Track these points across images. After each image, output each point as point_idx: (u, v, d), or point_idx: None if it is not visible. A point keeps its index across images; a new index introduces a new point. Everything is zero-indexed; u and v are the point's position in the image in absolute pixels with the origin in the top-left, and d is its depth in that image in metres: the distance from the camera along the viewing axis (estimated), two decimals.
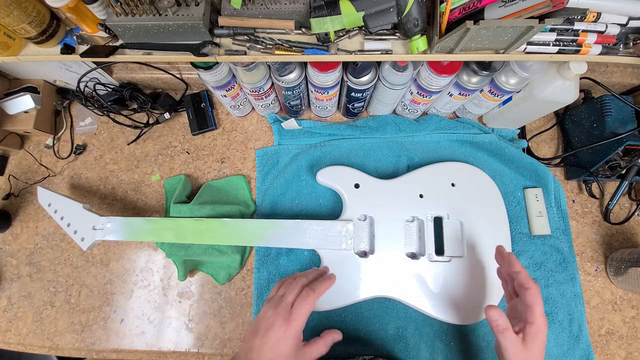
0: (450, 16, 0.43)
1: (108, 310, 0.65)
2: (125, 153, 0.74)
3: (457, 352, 0.58)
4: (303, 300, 0.44)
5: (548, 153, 0.71)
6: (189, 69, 0.69)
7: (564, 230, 0.65)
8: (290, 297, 0.45)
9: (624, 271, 0.60)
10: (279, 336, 0.41)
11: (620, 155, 0.59)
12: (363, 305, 0.60)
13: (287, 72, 0.56)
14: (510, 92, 0.58)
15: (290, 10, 0.47)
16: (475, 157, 0.67)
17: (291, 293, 0.45)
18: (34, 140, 0.76)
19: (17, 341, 0.65)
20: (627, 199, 0.67)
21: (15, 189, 0.73)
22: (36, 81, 0.71)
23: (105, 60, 0.51)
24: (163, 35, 0.48)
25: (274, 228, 0.58)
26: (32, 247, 0.69)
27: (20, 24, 0.48)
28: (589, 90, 0.68)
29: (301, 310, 0.43)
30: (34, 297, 0.67)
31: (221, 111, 0.75)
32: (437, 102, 0.66)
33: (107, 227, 0.60)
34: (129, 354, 0.64)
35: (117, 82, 0.71)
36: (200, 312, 0.64)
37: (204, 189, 0.68)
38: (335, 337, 0.47)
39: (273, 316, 0.43)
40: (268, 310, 0.44)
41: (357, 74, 0.56)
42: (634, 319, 0.62)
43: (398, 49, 0.49)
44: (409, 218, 0.59)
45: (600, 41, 0.46)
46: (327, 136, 0.70)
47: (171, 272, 0.66)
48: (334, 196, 0.66)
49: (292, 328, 0.42)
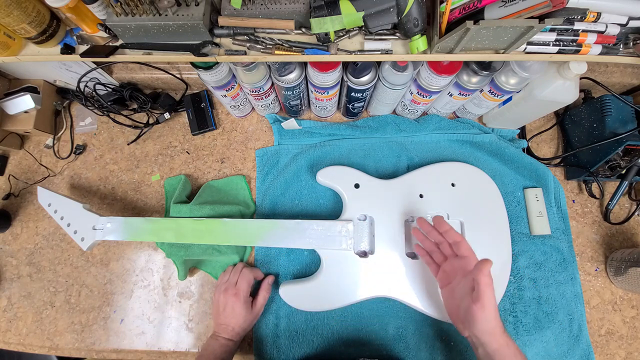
0: (450, 16, 0.43)
1: (108, 310, 0.65)
2: (125, 153, 0.74)
3: (457, 352, 0.58)
4: (243, 275, 0.59)
5: (548, 153, 0.71)
6: (189, 69, 0.69)
7: (564, 230, 0.65)
8: (233, 277, 0.59)
9: (624, 271, 0.60)
10: (234, 306, 0.56)
11: (620, 155, 0.59)
12: (363, 305, 0.61)
13: (287, 72, 0.56)
14: (510, 92, 0.58)
15: (290, 10, 0.47)
16: (475, 157, 0.67)
17: (234, 275, 0.59)
18: (34, 140, 0.76)
19: (17, 341, 0.65)
20: (627, 199, 0.67)
21: (15, 189, 0.73)
22: (36, 81, 0.71)
23: (105, 60, 0.51)
24: (163, 35, 0.48)
25: (274, 228, 0.58)
26: (32, 247, 0.69)
27: (20, 24, 0.48)
28: (589, 90, 0.68)
29: (243, 283, 0.58)
30: (34, 297, 0.67)
31: (221, 111, 0.75)
32: (437, 102, 0.66)
33: (107, 227, 0.60)
34: (129, 354, 0.64)
35: (117, 82, 0.71)
36: (200, 312, 0.64)
37: (204, 189, 0.68)
38: (270, 280, 0.61)
39: (225, 297, 0.57)
40: (220, 295, 0.57)
41: (357, 74, 0.56)
42: (634, 319, 0.62)
43: (398, 49, 0.49)
44: (409, 218, 0.59)
45: (600, 41, 0.46)
46: (327, 136, 0.70)
47: (171, 272, 0.66)
48: (334, 196, 0.66)
49: (240, 297, 0.56)
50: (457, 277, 0.47)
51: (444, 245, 0.51)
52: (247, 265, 0.63)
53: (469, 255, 0.47)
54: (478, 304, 0.41)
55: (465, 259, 0.47)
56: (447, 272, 0.49)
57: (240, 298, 0.56)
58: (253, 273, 0.60)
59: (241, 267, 0.60)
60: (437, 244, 0.52)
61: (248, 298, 0.58)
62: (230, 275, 0.59)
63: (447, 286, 0.49)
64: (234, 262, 0.63)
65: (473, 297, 0.42)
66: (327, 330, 0.60)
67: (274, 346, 0.60)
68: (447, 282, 0.49)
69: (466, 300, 0.43)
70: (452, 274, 0.48)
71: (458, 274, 0.47)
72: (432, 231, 0.52)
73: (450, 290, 0.48)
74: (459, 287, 0.46)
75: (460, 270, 0.47)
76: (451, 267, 0.49)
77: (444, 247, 0.51)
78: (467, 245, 0.48)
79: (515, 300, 0.60)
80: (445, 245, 0.51)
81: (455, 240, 0.49)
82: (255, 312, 0.58)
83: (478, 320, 0.42)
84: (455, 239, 0.49)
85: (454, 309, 0.47)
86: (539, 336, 0.58)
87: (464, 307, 0.44)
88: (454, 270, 0.48)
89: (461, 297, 0.45)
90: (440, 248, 0.52)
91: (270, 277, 0.61)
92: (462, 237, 0.49)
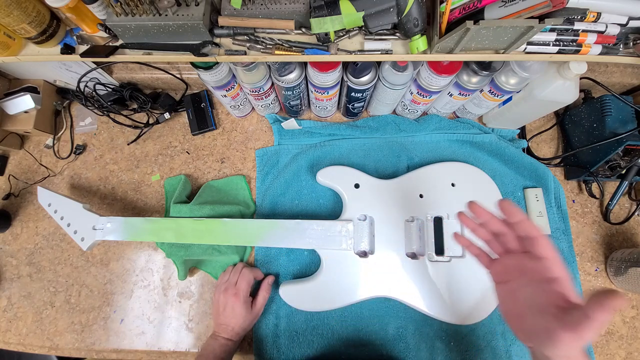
0: (450, 16, 0.43)
1: (108, 310, 0.65)
2: (125, 153, 0.74)
3: (457, 352, 0.58)
4: (243, 275, 0.59)
5: (548, 153, 0.71)
6: (189, 69, 0.69)
7: (564, 230, 0.65)
8: (233, 278, 0.59)
9: (624, 271, 0.60)
10: (234, 306, 0.56)
11: (620, 155, 0.59)
12: (363, 305, 0.61)
13: (287, 72, 0.56)
14: (510, 92, 0.58)
15: (290, 10, 0.47)
16: (475, 157, 0.67)
17: (234, 275, 0.59)
18: (34, 140, 0.76)
19: (17, 341, 0.65)
20: (627, 199, 0.67)
21: (15, 189, 0.73)
22: (36, 81, 0.71)
23: (105, 60, 0.51)
24: (163, 35, 0.48)
25: (274, 228, 0.58)
26: (32, 247, 0.69)
27: (20, 24, 0.48)
28: (589, 90, 0.68)
29: (243, 283, 0.58)
30: (34, 297, 0.67)
31: (221, 111, 0.75)
32: (437, 102, 0.66)
33: (107, 227, 0.60)
34: (129, 354, 0.64)
35: (117, 82, 0.71)
36: (200, 312, 0.64)
37: (204, 189, 0.68)
38: (269, 280, 0.61)
39: (225, 297, 0.57)
40: (220, 295, 0.58)
41: (357, 74, 0.56)
42: (634, 319, 0.62)
43: (398, 49, 0.49)
44: (409, 218, 0.59)
45: (600, 41, 0.46)
46: (327, 136, 0.70)
47: (171, 272, 0.66)
48: (334, 196, 0.66)
49: (240, 296, 0.56)
50: (523, 279, 0.38)
51: (509, 237, 0.41)
52: (247, 265, 0.63)
53: (550, 257, 0.37)
54: (575, 334, 0.32)
55: (542, 261, 0.37)
56: (508, 268, 0.40)
57: (240, 298, 0.56)
58: (253, 273, 0.60)
59: (241, 267, 0.60)
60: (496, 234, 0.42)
61: (248, 298, 0.58)
62: (230, 275, 0.59)
63: (506, 284, 0.40)
64: (234, 262, 0.63)
65: (567, 321, 0.33)
66: (327, 330, 0.60)
67: (274, 346, 0.60)
68: (506, 279, 0.40)
69: (546, 317, 0.35)
70: (516, 272, 0.39)
71: (526, 275, 0.38)
72: (493, 219, 0.41)
73: (511, 292, 0.39)
74: (525, 292, 0.38)
75: (532, 273, 0.37)
76: (517, 263, 0.39)
77: (508, 239, 0.41)
78: (548, 244, 0.37)
79: None
80: (511, 237, 0.40)
81: (532, 234, 0.38)
82: (255, 312, 0.58)
83: (563, 347, 0.33)
84: (532, 233, 0.38)
85: (514, 315, 0.39)
86: None
87: (540, 322, 0.35)
88: (521, 269, 0.39)
89: (531, 306, 0.37)
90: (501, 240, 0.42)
91: (270, 277, 0.61)
92: (541, 232, 0.38)
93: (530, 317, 0.36)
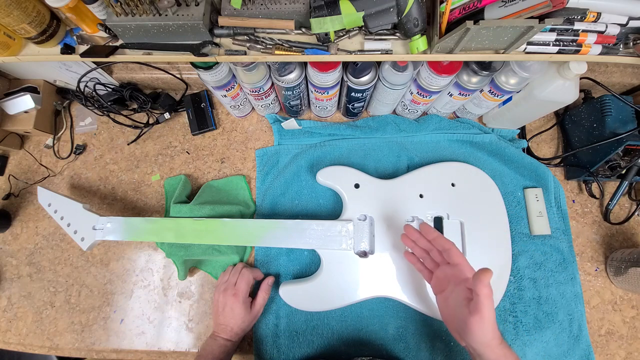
0: (450, 16, 0.43)
1: (108, 310, 0.65)
2: (125, 153, 0.74)
3: (457, 352, 0.58)
4: (243, 276, 0.59)
5: (548, 153, 0.71)
6: (189, 69, 0.69)
7: (564, 230, 0.65)
8: (233, 278, 0.59)
9: (624, 271, 0.60)
10: (233, 306, 0.56)
11: (620, 155, 0.59)
12: (363, 305, 0.61)
13: (287, 72, 0.56)
14: (510, 92, 0.58)
15: (290, 10, 0.47)
16: (475, 157, 0.67)
17: (234, 275, 0.59)
18: (34, 140, 0.76)
19: (17, 341, 0.65)
20: (627, 199, 0.67)
21: (15, 189, 0.73)
22: (36, 81, 0.71)
23: (105, 60, 0.51)
24: (163, 35, 0.48)
25: (274, 228, 0.58)
26: (32, 247, 0.69)
27: (20, 24, 0.48)
28: (589, 90, 0.68)
29: (242, 283, 0.58)
30: (34, 297, 0.67)
31: (221, 111, 0.75)
32: (437, 102, 0.66)
33: (107, 227, 0.60)
34: (129, 354, 0.64)
35: (117, 82, 0.71)
36: (200, 312, 0.64)
37: (204, 189, 0.68)
38: (269, 281, 0.61)
39: (224, 297, 0.57)
40: (219, 295, 0.58)
41: (357, 74, 0.56)
42: (634, 319, 0.62)
43: (398, 49, 0.49)
44: (409, 218, 0.59)
45: (600, 41, 0.46)
46: (327, 136, 0.70)
47: (171, 272, 0.66)
48: (334, 196, 0.66)
49: (239, 297, 0.56)
50: (450, 285, 0.46)
51: (434, 252, 0.49)
52: (247, 265, 0.63)
53: (460, 262, 0.46)
54: (476, 316, 0.39)
55: (457, 267, 0.46)
56: (440, 279, 0.48)
57: (240, 298, 0.56)
58: (253, 273, 0.60)
59: (241, 268, 0.60)
60: (427, 251, 0.51)
61: (247, 298, 0.58)
62: (229, 276, 0.59)
63: (441, 293, 0.47)
64: (234, 262, 0.63)
65: (470, 308, 0.40)
66: (327, 330, 0.60)
67: (274, 346, 0.60)
68: (441, 289, 0.47)
69: (462, 310, 0.42)
70: (445, 281, 0.47)
71: (451, 282, 0.46)
72: (421, 239, 0.51)
73: (444, 299, 0.47)
74: (452, 296, 0.45)
75: (453, 278, 0.45)
76: (443, 274, 0.47)
77: (434, 255, 0.50)
78: (457, 252, 0.46)
79: (515, 300, 0.60)
80: (435, 252, 0.49)
81: (445, 247, 0.47)
82: (254, 312, 0.58)
83: (475, 332, 0.40)
84: (444, 246, 0.47)
85: (449, 318, 0.46)
86: (539, 336, 0.58)
87: (460, 317, 0.42)
88: (447, 277, 0.46)
89: (456, 306, 0.44)
90: (430, 255, 0.50)
91: (270, 278, 0.61)
92: (451, 243, 0.47)
93: (457, 316, 0.43)
